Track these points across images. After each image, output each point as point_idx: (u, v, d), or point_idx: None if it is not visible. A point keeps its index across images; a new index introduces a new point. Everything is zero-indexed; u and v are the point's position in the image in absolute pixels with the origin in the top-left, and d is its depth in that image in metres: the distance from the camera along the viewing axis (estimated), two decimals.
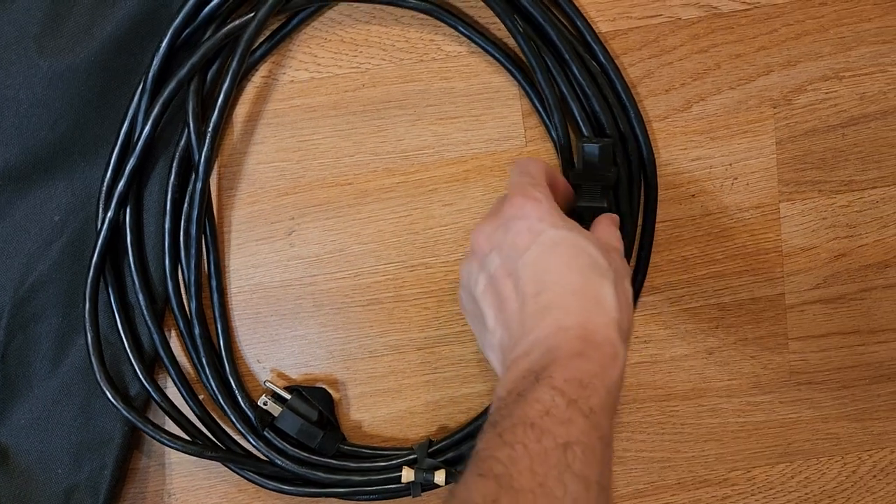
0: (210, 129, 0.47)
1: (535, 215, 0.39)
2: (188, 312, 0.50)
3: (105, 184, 0.48)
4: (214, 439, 0.51)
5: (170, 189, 0.48)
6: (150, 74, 0.47)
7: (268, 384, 0.51)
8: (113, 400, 0.48)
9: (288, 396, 0.51)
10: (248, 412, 0.50)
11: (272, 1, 0.46)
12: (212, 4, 0.47)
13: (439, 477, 0.50)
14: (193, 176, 0.48)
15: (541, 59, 0.49)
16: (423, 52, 0.50)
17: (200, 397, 0.51)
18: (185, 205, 0.49)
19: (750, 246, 0.53)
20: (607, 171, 0.46)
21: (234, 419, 0.50)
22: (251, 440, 0.50)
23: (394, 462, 0.51)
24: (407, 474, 0.50)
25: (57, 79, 0.47)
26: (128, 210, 0.48)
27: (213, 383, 0.50)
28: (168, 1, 0.47)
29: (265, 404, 0.50)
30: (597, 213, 0.46)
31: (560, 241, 0.38)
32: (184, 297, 0.50)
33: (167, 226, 0.48)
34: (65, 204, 0.49)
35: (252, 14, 0.46)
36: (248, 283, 0.51)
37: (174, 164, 0.48)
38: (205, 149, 0.47)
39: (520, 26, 0.48)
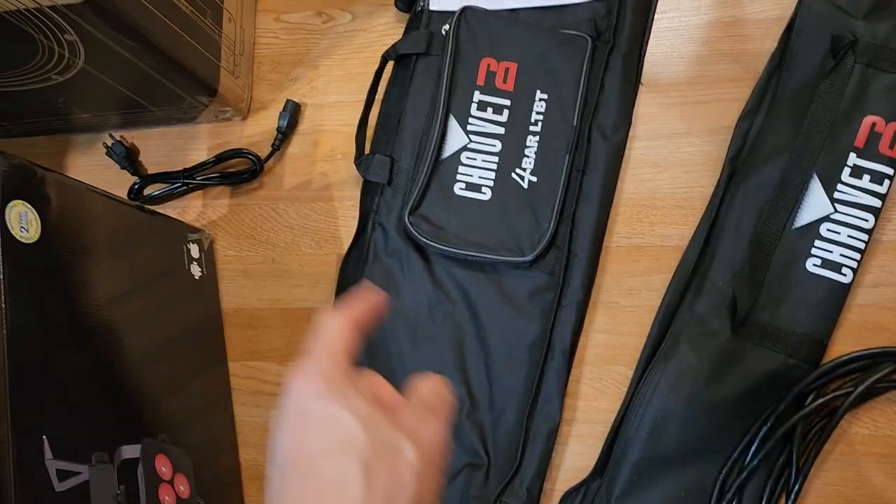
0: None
1: (301, 391, 0.38)
2: None
3: (721, 479, 0.75)
4: None
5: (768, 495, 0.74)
6: (775, 419, 0.73)
7: None
8: None
9: None
10: None
11: (860, 394, 0.72)
12: (809, 380, 0.74)
13: None
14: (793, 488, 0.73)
15: None
16: None
17: None
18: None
19: None
20: None
21: None
22: None
23: None
24: None
25: (706, 407, 0.75)
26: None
27: None
28: (796, 377, 0.74)
29: None
30: None
31: (311, 415, 0.37)
32: None
33: None
34: (686, 483, 0.76)
35: (845, 394, 0.72)
36: None
37: (772, 482, 0.74)
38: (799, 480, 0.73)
39: None
